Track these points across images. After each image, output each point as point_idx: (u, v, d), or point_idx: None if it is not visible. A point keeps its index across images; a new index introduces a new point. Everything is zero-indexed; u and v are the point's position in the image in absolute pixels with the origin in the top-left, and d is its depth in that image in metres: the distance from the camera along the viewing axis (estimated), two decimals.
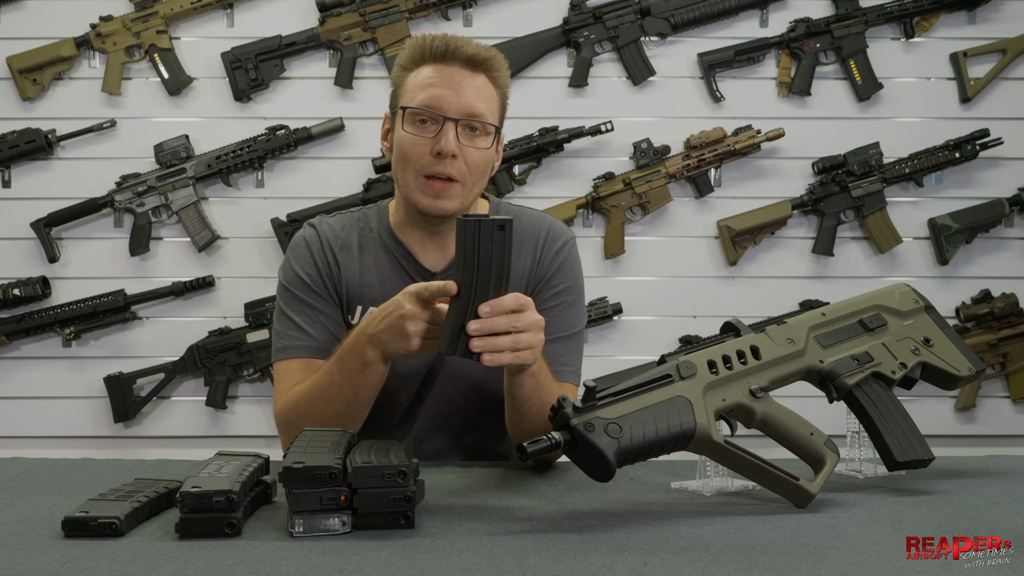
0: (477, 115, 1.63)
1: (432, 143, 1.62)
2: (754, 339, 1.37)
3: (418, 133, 1.63)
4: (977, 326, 3.20)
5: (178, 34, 3.19)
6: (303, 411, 1.60)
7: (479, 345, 1.33)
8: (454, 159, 1.62)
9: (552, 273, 1.75)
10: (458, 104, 1.62)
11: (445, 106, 1.62)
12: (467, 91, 1.63)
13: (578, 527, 1.23)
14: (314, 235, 1.76)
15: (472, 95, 1.63)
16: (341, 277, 1.73)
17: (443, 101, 1.62)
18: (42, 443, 3.19)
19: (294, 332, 1.70)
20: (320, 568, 1.06)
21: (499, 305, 1.34)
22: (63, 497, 1.37)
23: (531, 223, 1.78)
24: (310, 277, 1.72)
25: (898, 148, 3.20)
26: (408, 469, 1.19)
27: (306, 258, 1.73)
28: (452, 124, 1.62)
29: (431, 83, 1.63)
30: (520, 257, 1.74)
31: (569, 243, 1.79)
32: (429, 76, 1.64)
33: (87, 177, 3.16)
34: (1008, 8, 3.23)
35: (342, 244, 1.75)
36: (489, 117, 1.65)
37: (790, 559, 1.10)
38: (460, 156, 1.63)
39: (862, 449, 1.51)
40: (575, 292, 1.77)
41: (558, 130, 3.12)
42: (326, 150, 3.20)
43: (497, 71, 1.68)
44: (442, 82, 1.63)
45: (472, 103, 1.63)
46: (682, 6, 3.16)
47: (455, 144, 1.61)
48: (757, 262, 3.24)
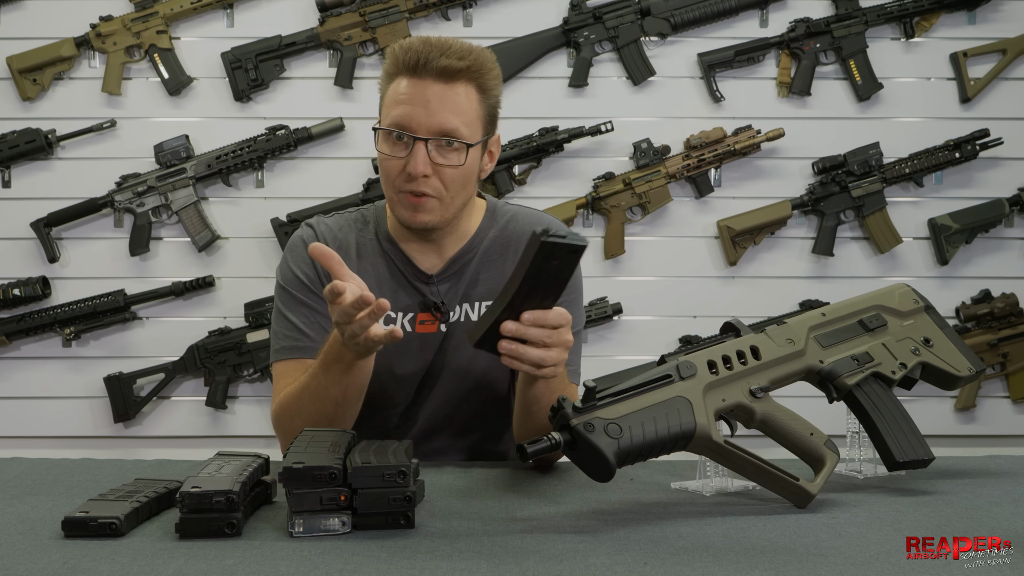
0: (449, 132, 1.58)
1: (403, 163, 1.60)
2: (754, 339, 1.37)
3: (391, 152, 1.61)
4: (977, 326, 3.20)
5: (178, 34, 3.19)
6: (294, 412, 1.61)
7: (507, 348, 1.33)
8: (427, 178, 1.59)
9: None
10: (428, 122, 1.57)
11: (415, 125, 1.58)
12: (439, 107, 1.57)
13: (578, 527, 1.23)
14: (312, 235, 1.75)
15: (445, 111, 1.57)
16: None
17: (412, 120, 1.58)
18: (42, 443, 3.19)
19: (292, 333, 1.70)
20: (320, 568, 1.06)
21: (543, 318, 1.33)
22: (63, 497, 1.37)
23: (528, 223, 1.77)
24: (307, 277, 1.71)
25: (898, 148, 3.20)
26: (408, 469, 1.19)
27: (303, 258, 1.72)
28: (422, 144, 1.58)
29: (403, 99, 1.58)
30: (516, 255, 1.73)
31: None
32: (403, 91, 1.59)
33: (87, 177, 3.16)
34: (1008, 8, 3.23)
35: (339, 245, 1.73)
36: (464, 131, 1.59)
37: (790, 559, 1.10)
38: (434, 174, 1.59)
39: (862, 449, 1.51)
40: (574, 292, 1.76)
41: (558, 130, 3.12)
42: (326, 150, 3.20)
43: (479, 77, 1.61)
44: (413, 98, 1.58)
45: (444, 120, 1.57)
46: (682, 6, 3.16)
47: (424, 165, 1.58)
48: (757, 262, 3.23)
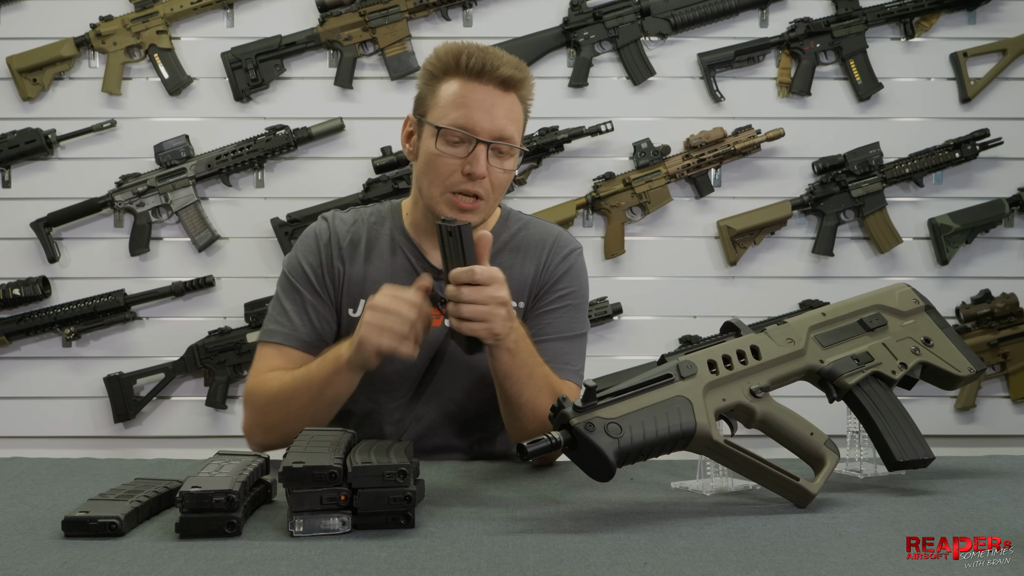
0: (507, 138, 1.65)
1: (463, 163, 1.64)
2: (754, 339, 1.37)
3: (449, 152, 1.65)
4: (977, 326, 3.20)
5: (178, 34, 3.19)
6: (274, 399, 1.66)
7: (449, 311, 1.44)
8: (483, 179, 1.65)
9: (558, 277, 1.78)
10: (491, 127, 1.63)
11: (479, 128, 1.63)
12: (500, 114, 1.64)
13: (578, 527, 1.23)
14: (324, 229, 1.79)
15: (504, 117, 1.64)
16: (344, 273, 1.76)
17: (476, 123, 1.63)
18: (42, 443, 3.19)
19: (281, 318, 1.75)
20: (320, 568, 1.06)
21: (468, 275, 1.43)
22: (63, 497, 1.37)
23: (539, 232, 1.82)
24: (312, 269, 1.76)
25: (898, 148, 3.20)
26: (408, 469, 1.19)
27: (312, 250, 1.77)
28: (484, 147, 1.63)
29: (464, 102, 1.64)
30: (525, 264, 1.78)
31: (576, 251, 1.82)
32: (463, 93, 1.64)
33: (87, 177, 3.16)
34: (1008, 8, 3.23)
35: (351, 239, 1.78)
36: (517, 139, 1.68)
37: (790, 559, 1.10)
38: (487, 176, 1.65)
39: (862, 449, 1.51)
40: (580, 297, 1.80)
41: (558, 130, 3.12)
42: (326, 150, 3.20)
43: (527, 89, 1.69)
44: (476, 102, 1.63)
45: (504, 126, 1.64)
46: (682, 6, 3.16)
47: (484, 167, 1.63)
48: (757, 262, 3.23)
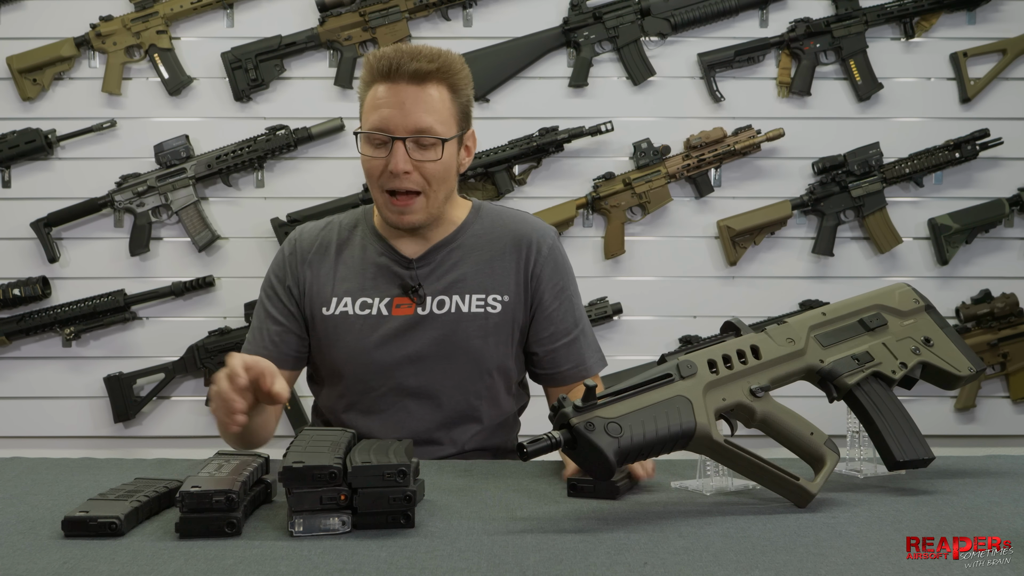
0: (425, 130, 1.68)
1: (384, 162, 1.69)
2: (754, 339, 1.37)
3: (373, 154, 1.71)
4: (977, 326, 3.20)
5: (178, 34, 3.19)
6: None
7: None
8: (408, 174, 1.69)
9: (548, 276, 1.82)
10: (404, 123, 1.68)
11: (392, 126, 1.68)
12: (413, 108, 1.68)
13: (578, 527, 1.23)
14: (291, 241, 1.87)
15: (420, 111, 1.68)
16: (311, 277, 1.82)
17: (390, 122, 1.68)
18: (42, 443, 3.19)
19: (251, 334, 1.87)
20: (320, 568, 1.06)
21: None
22: (63, 497, 1.37)
23: (515, 225, 1.84)
24: (279, 282, 1.84)
25: (898, 148, 3.20)
26: (408, 468, 1.19)
27: (279, 264, 1.86)
28: (400, 143, 1.68)
29: (381, 103, 1.69)
30: (505, 257, 1.81)
31: (554, 245, 1.85)
32: (380, 96, 1.70)
33: (87, 177, 3.16)
34: (1008, 8, 3.23)
35: (320, 244, 1.84)
36: (439, 128, 1.69)
37: (790, 559, 1.10)
38: (415, 170, 1.70)
39: (862, 449, 1.51)
40: (571, 283, 1.87)
41: (558, 130, 3.12)
42: (326, 150, 3.20)
43: (450, 77, 1.71)
44: (389, 102, 1.68)
45: (419, 119, 1.68)
46: (682, 6, 3.16)
47: (404, 162, 1.68)
48: (757, 262, 3.23)
